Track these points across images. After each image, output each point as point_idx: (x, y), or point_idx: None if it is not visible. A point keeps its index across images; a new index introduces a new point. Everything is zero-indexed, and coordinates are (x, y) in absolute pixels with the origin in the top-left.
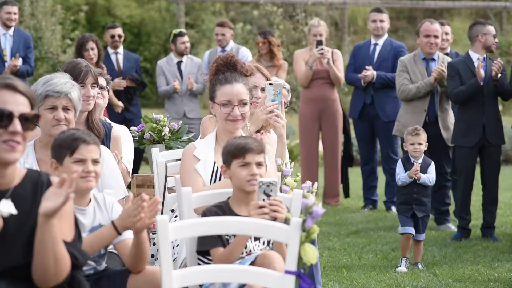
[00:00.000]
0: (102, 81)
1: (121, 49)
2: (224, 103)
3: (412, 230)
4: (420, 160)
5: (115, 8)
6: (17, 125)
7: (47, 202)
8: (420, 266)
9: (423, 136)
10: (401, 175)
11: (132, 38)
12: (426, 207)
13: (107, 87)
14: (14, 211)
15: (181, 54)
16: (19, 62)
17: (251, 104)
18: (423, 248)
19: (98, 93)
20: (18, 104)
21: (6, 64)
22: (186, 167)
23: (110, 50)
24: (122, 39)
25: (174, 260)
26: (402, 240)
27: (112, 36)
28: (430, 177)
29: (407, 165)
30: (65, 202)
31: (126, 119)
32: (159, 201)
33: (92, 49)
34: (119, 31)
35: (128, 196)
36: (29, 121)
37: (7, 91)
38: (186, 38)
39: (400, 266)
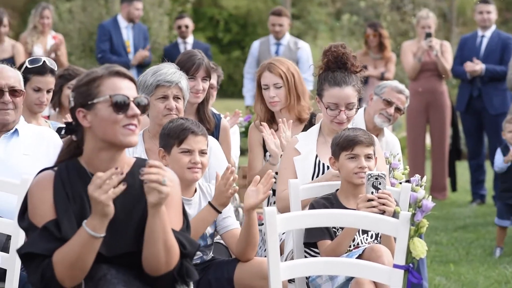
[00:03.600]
0: (213, 77)
1: (190, 39)
2: (331, 107)
3: (508, 223)
4: None
5: None
6: (134, 108)
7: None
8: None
9: None
10: (498, 162)
11: (238, 29)
12: None
13: (217, 83)
14: None
15: None
16: (147, 53)
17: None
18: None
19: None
20: (130, 89)
21: (130, 56)
22: (283, 161)
23: (179, 40)
24: (190, 29)
25: None
26: (498, 231)
27: (179, 27)
28: None
29: (506, 152)
30: (167, 194)
31: None
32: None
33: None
34: (186, 21)
35: (217, 174)
36: (141, 105)
37: (117, 78)
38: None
39: (494, 255)
